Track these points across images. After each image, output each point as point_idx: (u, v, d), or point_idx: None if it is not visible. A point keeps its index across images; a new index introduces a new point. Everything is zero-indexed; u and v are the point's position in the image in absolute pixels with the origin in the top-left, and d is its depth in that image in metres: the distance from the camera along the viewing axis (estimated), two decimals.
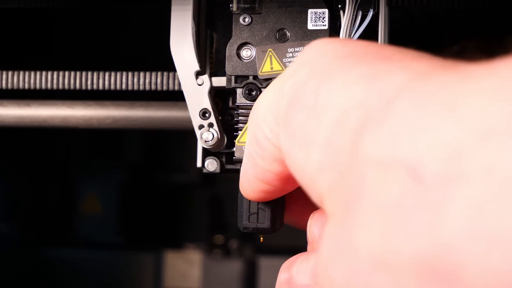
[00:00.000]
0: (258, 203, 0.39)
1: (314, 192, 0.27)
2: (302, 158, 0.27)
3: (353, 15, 0.43)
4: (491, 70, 0.22)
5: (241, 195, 0.38)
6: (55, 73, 0.51)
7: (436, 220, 0.21)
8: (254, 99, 0.45)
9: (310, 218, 0.36)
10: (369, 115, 0.24)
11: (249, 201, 0.39)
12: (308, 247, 0.36)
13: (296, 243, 0.53)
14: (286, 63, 0.44)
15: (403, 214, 0.22)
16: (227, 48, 0.45)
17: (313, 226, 0.36)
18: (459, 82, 0.22)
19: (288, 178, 0.32)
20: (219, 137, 0.45)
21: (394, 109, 0.23)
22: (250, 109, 0.44)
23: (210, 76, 0.46)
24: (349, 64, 0.27)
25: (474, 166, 0.20)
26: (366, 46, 0.29)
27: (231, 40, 0.45)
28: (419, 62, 0.25)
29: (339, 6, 0.44)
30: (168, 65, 0.48)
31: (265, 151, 0.32)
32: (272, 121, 0.31)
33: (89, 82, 0.51)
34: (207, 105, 0.46)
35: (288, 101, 0.29)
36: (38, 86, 0.51)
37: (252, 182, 0.34)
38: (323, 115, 0.26)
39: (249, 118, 0.34)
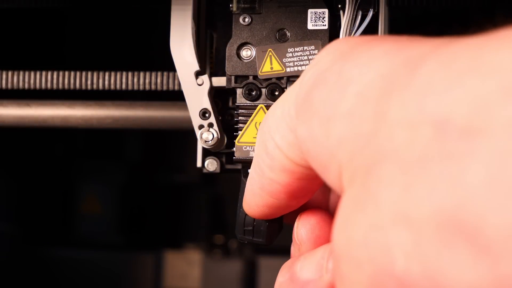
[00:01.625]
0: (254, 219, 0.39)
1: (332, 168, 0.27)
2: (321, 135, 0.27)
3: (353, 15, 0.43)
4: None
5: (239, 206, 0.38)
6: (55, 73, 0.51)
7: (458, 172, 0.21)
8: (254, 99, 0.45)
9: (297, 220, 0.36)
10: (394, 82, 0.24)
11: (245, 215, 0.38)
12: (292, 249, 0.36)
13: None
14: (286, 63, 0.44)
15: (426, 170, 0.22)
16: (227, 48, 0.45)
17: (301, 228, 0.36)
18: (484, 42, 0.23)
19: (294, 191, 0.32)
20: (219, 137, 0.45)
21: (419, 72, 0.23)
22: (250, 109, 0.44)
23: (210, 76, 0.46)
24: (373, 45, 0.27)
25: (498, 119, 0.20)
26: (387, 35, 0.29)
27: (231, 40, 0.45)
28: (444, 37, 0.26)
29: (339, 6, 0.44)
30: (168, 65, 0.48)
31: (275, 161, 0.32)
32: (285, 128, 0.30)
33: (89, 82, 0.51)
34: (207, 105, 0.46)
35: (308, 87, 0.28)
36: (38, 86, 0.51)
37: (257, 195, 0.34)
38: (345, 88, 0.26)
39: (260, 128, 0.33)
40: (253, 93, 0.45)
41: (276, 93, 0.44)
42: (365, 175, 0.24)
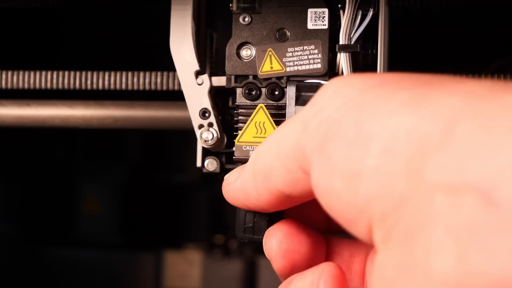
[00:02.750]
0: (254, 216, 0.39)
1: (360, 224, 0.26)
2: (346, 192, 0.26)
3: (353, 15, 0.43)
4: None
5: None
6: (55, 73, 0.51)
7: None
8: (254, 98, 0.45)
9: (264, 235, 0.36)
10: (425, 141, 0.24)
11: (245, 213, 0.39)
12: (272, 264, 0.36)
13: None
14: (286, 63, 0.44)
15: (480, 237, 0.21)
16: (227, 47, 0.45)
17: (269, 242, 0.35)
18: None
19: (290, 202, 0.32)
20: (219, 137, 0.45)
21: (456, 133, 0.23)
22: (250, 108, 0.44)
23: (210, 75, 0.46)
24: (388, 92, 0.26)
25: None
26: (398, 75, 0.28)
27: (231, 40, 0.45)
28: (466, 84, 0.25)
29: (339, 5, 0.44)
30: (168, 65, 0.48)
31: (261, 196, 0.32)
32: (278, 165, 0.30)
33: (89, 82, 0.51)
34: (207, 104, 0.46)
35: (321, 138, 0.28)
36: (38, 86, 0.51)
37: (252, 206, 0.35)
38: (368, 144, 0.25)
39: (252, 162, 0.33)
40: (253, 92, 0.45)
41: (276, 92, 0.44)
42: (407, 239, 0.24)
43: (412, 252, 0.23)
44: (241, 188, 0.34)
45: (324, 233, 0.37)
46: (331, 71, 0.44)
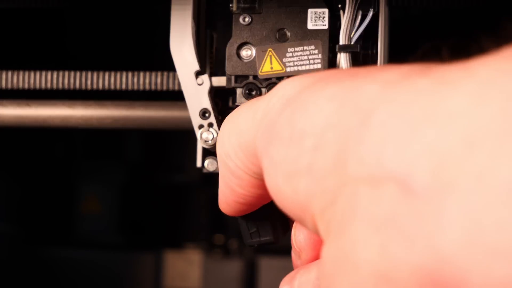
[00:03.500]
0: (255, 220, 0.39)
1: (307, 219, 0.27)
2: (289, 191, 0.27)
3: (353, 15, 0.43)
4: (468, 73, 0.22)
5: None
6: (55, 73, 0.51)
7: (433, 232, 0.20)
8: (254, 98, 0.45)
9: (293, 227, 0.36)
10: (347, 133, 0.24)
11: (246, 220, 0.39)
12: (293, 255, 0.36)
13: None
14: (286, 63, 0.44)
15: (399, 228, 0.21)
16: (227, 48, 0.45)
17: (298, 234, 0.36)
18: (435, 87, 0.22)
19: (268, 195, 0.33)
20: None
21: (372, 123, 0.23)
22: None
23: (210, 76, 0.46)
24: (317, 89, 0.27)
25: (463, 174, 0.20)
26: (332, 71, 0.28)
27: (231, 40, 0.45)
28: (386, 72, 0.25)
29: (339, 6, 0.44)
30: (168, 65, 0.48)
31: (243, 181, 0.32)
32: (242, 156, 0.31)
33: (89, 82, 0.51)
34: (207, 105, 0.46)
35: (265, 140, 0.28)
36: (38, 86, 0.51)
37: (233, 205, 0.35)
38: (301, 142, 0.26)
39: (217, 149, 0.33)
40: (253, 92, 0.45)
41: None
42: (338, 233, 0.24)
43: (342, 246, 0.24)
44: (227, 190, 0.34)
45: None
46: None
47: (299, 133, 0.26)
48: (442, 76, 0.22)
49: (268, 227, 0.39)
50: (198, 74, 0.46)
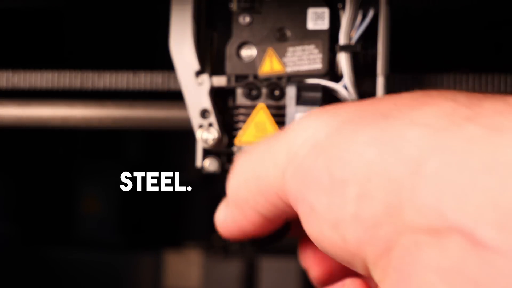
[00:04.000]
0: None
1: (357, 264, 0.27)
2: (335, 238, 0.27)
3: (353, 15, 0.43)
4: None
5: None
6: (55, 73, 0.51)
7: (509, 285, 0.20)
8: (254, 98, 0.45)
9: (299, 246, 0.36)
10: (397, 181, 0.24)
11: None
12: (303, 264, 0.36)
13: (296, 243, 0.53)
14: (287, 63, 0.44)
15: (471, 279, 0.21)
16: (227, 47, 0.45)
17: (304, 254, 0.35)
18: (489, 135, 0.22)
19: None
20: (219, 137, 0.45)
21: (425, 171, 0.23)
22: (250, 108, 0.44)
23: (210, 75, 0.46)
24: (350, 133, 0.27)
25: None
26: (356, 107, 0.28)
27: (231, 40, 0.45)
28: (423, 113, 0.25)
29: (340, 5, 0.44)
30: (169, 65, 0.48)
31: (257, 220, 0.32)
32: (262, 201, 0.31)
33: (89, 82, 0.51)
34: (207, 104, 0.46)
35: (299, 187, 0.28)
36: (38, 86, 0.51)
37: (236, 235, 0.35)
38: (344, 190, 0.26)
39: (231, 191, 0.33)
40: (253, 92, 0.44)
41: (276, 92, 0.44)
42: (400, 280, 0.24)
43: None
44: (234, 225, 0.34)
45: None
46: (332, 71, 0.44)
47: (339, 181, 0.26)
48: (493, 123, 0.22)
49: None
50: (198, 74, 0.46)
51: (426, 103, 0.25)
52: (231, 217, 0.34)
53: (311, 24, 0.44)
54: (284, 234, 0.40)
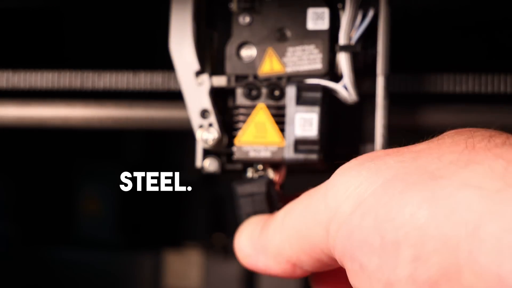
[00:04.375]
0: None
1: None
2: None
3: (353, 15, 0.43)
4: None
5: (240, 215, 0.39)
6: (55, 73, 0.51)
7: None
8: (254, 98, 0.45)
9: (311, 283, 0.36)
10: (454, 246, 0.24)
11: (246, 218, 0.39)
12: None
13: None
14: (286, 63, 0.44)
15: None
16: (227, 47, 0.45)
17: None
18: None
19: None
20: (219, 137, 0.45)
21: (482, 235, 0.23)
22: (250, 108, 0.44)
23: (210, 75, 0.46)
24: (399, 192, 0.26)
25: None
26: (398, 163, 0.28)
27: (231, 40, 0.45)
28: (474, 176, 0.25)
29: (339, 5, 0.44)
30: (169, 65, 0.48)
31: (296, 273, 0.33)
32: (305, 258, 0.31)
33: (89, 82, 0.51)
34: (207, 105, 0.46)
35: (345, 245, 0.28)
36: (38, 86, 0.51)
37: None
38: (397, 252, 0.26)
39: (275, 252, 0.34)
40: (253, 92, 0.44)
41: (276, 92, 0.44)
42: None
43: None
44: (265, 268, 0.35)
45: None
46: (332, 71, 0.44)
47: (391, 243, 0.26)
48: None
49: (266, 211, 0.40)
50: (198, 74, 0.46)
51: (473, 161, 0.25)
52: (265, 263, 0.35)
53: (311, 24, 0.44)
54: None
